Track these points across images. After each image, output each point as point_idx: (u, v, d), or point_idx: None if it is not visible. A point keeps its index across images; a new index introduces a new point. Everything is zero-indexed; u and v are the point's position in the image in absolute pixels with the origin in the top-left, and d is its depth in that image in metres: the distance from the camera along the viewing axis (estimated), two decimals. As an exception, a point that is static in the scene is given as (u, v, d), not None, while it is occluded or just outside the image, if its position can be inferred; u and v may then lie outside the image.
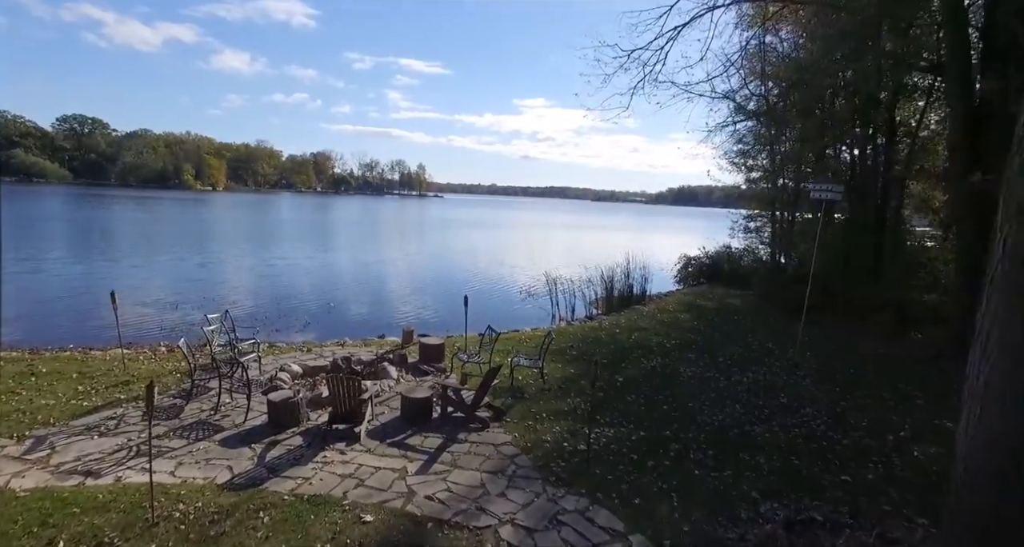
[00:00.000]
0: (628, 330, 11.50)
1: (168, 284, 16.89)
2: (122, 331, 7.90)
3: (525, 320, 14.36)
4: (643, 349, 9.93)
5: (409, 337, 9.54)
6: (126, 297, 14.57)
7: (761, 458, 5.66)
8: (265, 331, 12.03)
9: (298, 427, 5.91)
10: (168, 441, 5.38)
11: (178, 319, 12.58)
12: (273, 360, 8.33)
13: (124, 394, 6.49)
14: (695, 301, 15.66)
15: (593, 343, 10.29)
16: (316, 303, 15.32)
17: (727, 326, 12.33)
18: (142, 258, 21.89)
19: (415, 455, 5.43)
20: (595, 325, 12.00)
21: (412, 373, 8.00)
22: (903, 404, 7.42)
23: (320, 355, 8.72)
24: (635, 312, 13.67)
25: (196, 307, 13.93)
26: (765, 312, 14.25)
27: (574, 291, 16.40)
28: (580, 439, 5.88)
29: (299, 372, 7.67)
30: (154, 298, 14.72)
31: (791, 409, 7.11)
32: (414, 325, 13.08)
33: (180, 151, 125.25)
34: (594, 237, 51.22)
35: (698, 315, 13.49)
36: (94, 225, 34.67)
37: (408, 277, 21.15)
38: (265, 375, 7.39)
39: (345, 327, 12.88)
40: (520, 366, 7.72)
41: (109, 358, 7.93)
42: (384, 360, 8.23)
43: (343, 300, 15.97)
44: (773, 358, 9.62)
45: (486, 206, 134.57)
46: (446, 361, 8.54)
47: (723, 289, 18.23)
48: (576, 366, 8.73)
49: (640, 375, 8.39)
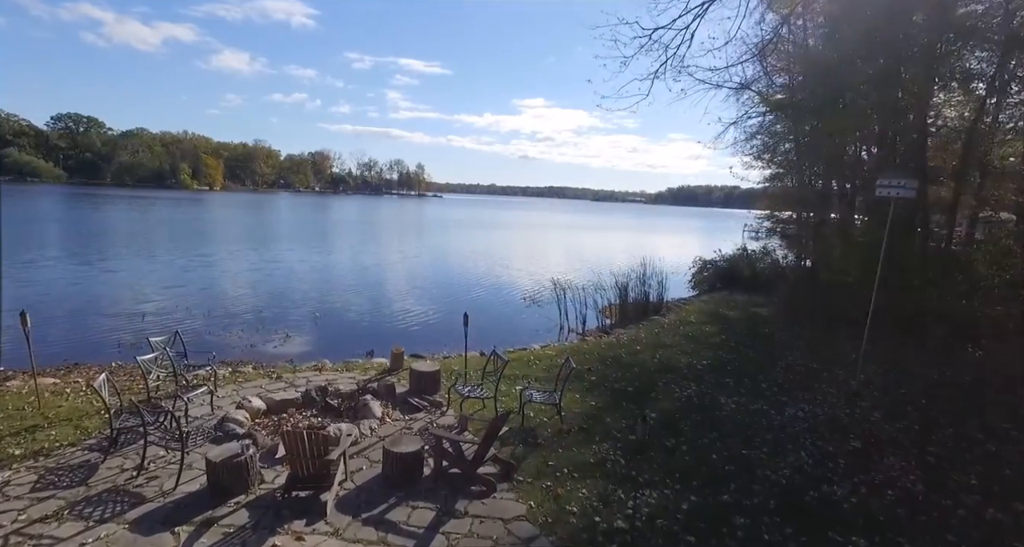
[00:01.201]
0: (651, 347, 10.10)
1: (142, 291, 15.47)
2: (75, 348, 6.52)
3: (531, 333, 12.97)
4: (672, 372, 8.53)
5: (399, 360, 8.12)
6: (88, 307, 13.17)
7: (859, 538, 4.26)
8: (239, 348, 10.63)
9: (247, 494, 4.51)
10: (57, 526, 3.94)
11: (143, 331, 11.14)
12: (234, 391, 6.92)
13: (22, 447, 5.07)
14: (717, 310, 14.27)
15: (613, 364, 8.89)
16: (301, 313, 13.91)
17: (760, 341, 10.94)
18: (122, 261, 20.46)
19: (398, 540, 4.03)
20: (612, 341, 10.60)
21: (400, 409, 6.59)
22: (1005, 448, 6.03)
23: (292, 383, 7.32)
24: (654, 324, 12.27)
25: (169, 317, 12.53)
26: (796, 323, 12.86)
27: (584, 299, 14.99)
28: (615, 509, 4.50)
29: (261, 409, 6.27)
30: (120, 308, 13.30)
31: (870, 458, 5.71)
32: (408, 338, 11.70)
33: (177, 150, 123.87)
34: (599, 238, 49.84)
35: (724, 327, 12.10)
36: (77, 226, 33.22)
37: (403, 283, 19.74)
38: (217, 415, 5.98)
39: (330, 342, 11.48)
40: (533, 402, 6.32)
41: (27, 391, 6.47)
42: (367, 391, 6.82)
43: (331, 309, 14.56)
44: (823, 383, 8.23)
45: (485, 206, 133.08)
46: (442, 390, 7.15)
47: (744, 296, 16.85)
48: (598, 396, 7.33)
49: (675, 408, 6.99)
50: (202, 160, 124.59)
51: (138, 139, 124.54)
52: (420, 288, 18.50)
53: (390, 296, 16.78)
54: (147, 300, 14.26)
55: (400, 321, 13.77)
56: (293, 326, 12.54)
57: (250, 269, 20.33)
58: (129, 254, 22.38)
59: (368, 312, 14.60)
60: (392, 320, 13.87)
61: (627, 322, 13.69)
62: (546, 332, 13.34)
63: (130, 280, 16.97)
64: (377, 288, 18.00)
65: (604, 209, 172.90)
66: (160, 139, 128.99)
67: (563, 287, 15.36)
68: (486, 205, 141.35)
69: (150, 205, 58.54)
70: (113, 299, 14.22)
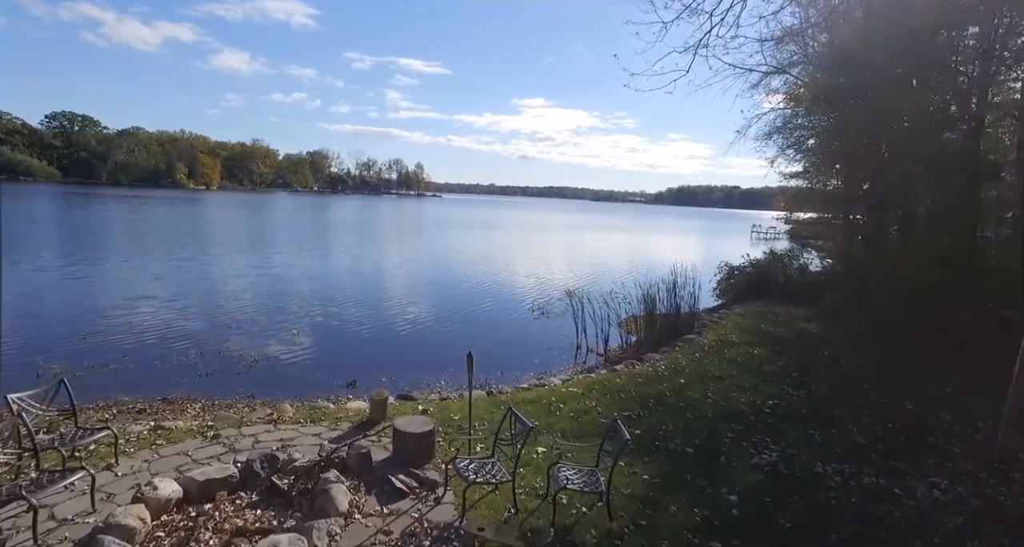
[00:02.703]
0: (698, 379, 8.14)
1: (97, 304, 13.52)
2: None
3: (544, 354, 11.04)
4: (736, 420, 6.57)
5: (381, 409, 6.12)
6: (20, 325, 11.01)
7: None
8: (190, 378, 8.68)
9: None
10: None
11: (74, 356, 9.19)
12: (145, 463, 4.96)
13: None
14: (759, 326, 12.30)
15: (659, 408, 6.93)
16: (278, 328, 11.94)
17: (825, 369, 8.99)
18: (88, 266, 18.48)
19: None
20: (648, 371, 8.63)
21: (378, 493, 4.64)
22: None
23: (232, 446, 5.36)
24: (692, 346, 10.30)
25: (115, 338, 10.56)
26: (855, 343, 10.93)
27: (603, 312, 13.03)
28: None
29: (175, 497, 4.31)
30: (61, 327, 11.32)
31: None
32: (399, 363, 9.73)
33: (173, 150, 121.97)
34: (606, 239, 47.90)
35: (775, 350, 10.14)
36: (51, 226, 31.26)
37: (399, 292, 17.78)
38: (98, 514, 4.03)
39: (305, 367, 9.55)
40: (569, 488, 4.36)
41: None
42: (332, 462, 4.88)
43: (313, 324, 12.60)
44: (939, 437, 6.26)
45: (485, 206, 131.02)
46: (437, 456, 5.21)
47: (780, 307, 14.88)
48: (650, 464, 5.37)
49: (761, 486, 5.02)
50: (199, 159, 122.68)
51: (134, 138, 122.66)
52: (417, 299, 16.53)
53: (383, 309, 14.81)
54: (99, 315, 12.28)
55: (392, 340, 11.82)
56: (263, 346, 10.59)
57: (229, 276, 18.38)
58: (98, 258, 20.40)
59: (356, 328, 12.64)
60: (383, 338, 11.92)
61: (656, 340, 11.74)
62: (561, 353, 11.40)
63: (88, 290, 15.01)
64: (369, 299, 16.03)
65: (605, 209, 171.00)
66: (156, 138, 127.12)
67: (579, 298, 13.42)
68: (486, 205, 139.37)
69: (141, 205, 56.64)
70: (58, 315, 12.23)
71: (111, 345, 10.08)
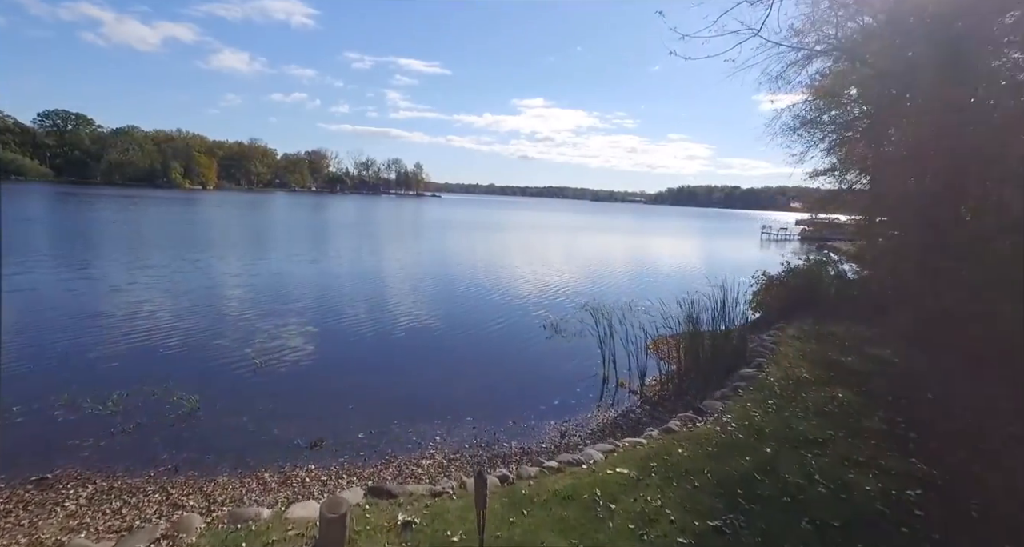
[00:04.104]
0: (788, 447, 5.91)
1: (27, 323, 11.32)
2: None
3: (567, 396, 8.80)
4: (870, 527, 4.35)
5: (336, 533, 3.83)
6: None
7: None
8: (93, 440, 6.45)
9: None
10: None
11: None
12: None
13: None
14: (826, 354, 10.06)
15: (752, 505, 4.70)
16: (237, 356, 9.72)
17: (942, 420, 6.77)
18: (40, 274, 16.25)
19: None
20: (716, 431, 6.38)
21: None
22: None
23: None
24: (758, 387, 8.04)
25: (50, 375, 8.34)
26: (956, 373, 8.72)
27: (635, 335, 10.77)
28: None
29: None
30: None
31: None
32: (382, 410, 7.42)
33: (169, 149, 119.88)
34: (613, 242, 45.67)
35: (863, 390, 7.90)
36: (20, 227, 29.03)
37: (392, 308, 15.52)
38: None
39: (259, 415, 7.31)
40: None
41: None
42: None
43: (283, 350, 10.37)
44: None
45: (485, 206, 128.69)
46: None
47: (835, 324, 12.64)
48: None
49: None
50: (195, 159, 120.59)
51: (129, 137, 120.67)
52: (412, 319, 14.24)
53: (371, 330, 12.54)
54: (17, 343, 10.09)
55: (379, 374, 9.57)
56: (212, 383, 8.37)
57: (201, 287, 16.15)
58: (56, 265, 18.18)
59: (336, 356, 10.43)
60: (367, 371, 9.68)
61: (702, 371, 9.54)
62: (586, 389, 9.20)
63: (24, 305, 12.79)
64: (356, 317, 13.77)
65: (606, 209, 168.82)
66: (152, 137, 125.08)
67: (600, 315, 11.24)
68: (486, 205, 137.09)
69: (130, 205, 54.54)
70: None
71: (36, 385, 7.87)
